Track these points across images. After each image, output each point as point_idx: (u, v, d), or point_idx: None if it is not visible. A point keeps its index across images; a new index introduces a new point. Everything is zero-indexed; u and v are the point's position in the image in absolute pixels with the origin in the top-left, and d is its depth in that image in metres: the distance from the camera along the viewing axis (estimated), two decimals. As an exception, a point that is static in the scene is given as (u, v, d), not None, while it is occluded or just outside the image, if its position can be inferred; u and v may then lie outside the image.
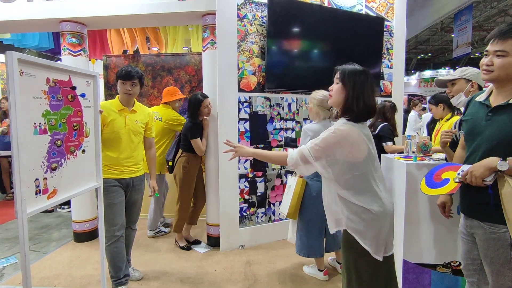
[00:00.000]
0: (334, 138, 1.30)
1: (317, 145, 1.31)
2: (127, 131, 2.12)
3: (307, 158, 1.32)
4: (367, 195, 1.33)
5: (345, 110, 1.36)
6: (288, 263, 2.64)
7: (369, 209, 1.32)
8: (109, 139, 2.07)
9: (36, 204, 1.45)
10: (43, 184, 1.50)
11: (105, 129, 2.05)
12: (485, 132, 1.27)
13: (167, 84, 3.72)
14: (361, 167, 1.33)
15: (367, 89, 1.35)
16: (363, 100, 1.33)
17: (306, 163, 1.34)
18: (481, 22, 10.47)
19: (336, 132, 1.30)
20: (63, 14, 2.87)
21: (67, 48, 2.93)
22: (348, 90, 1.34)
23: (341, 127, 1.32)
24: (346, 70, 1.36)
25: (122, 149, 2.11)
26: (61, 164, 1.65)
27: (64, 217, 3.84)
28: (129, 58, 3.76)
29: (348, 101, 1.34)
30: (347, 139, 1.30)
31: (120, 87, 2.12)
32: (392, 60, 3.59)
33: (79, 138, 1.81)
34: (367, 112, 1.36)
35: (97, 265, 2.54)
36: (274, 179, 3.08)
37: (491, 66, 1.23)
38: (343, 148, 1.30)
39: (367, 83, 1.36)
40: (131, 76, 2.10)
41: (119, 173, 2.11)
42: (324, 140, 1.31)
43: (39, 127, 1.48)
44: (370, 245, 1.32)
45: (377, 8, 3.46)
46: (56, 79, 1.59)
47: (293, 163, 1.36)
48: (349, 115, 1.35)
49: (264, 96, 2.96)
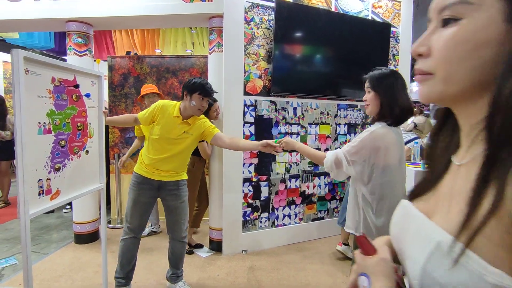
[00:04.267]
0: (372, 140, 1.30)
1: (354, 147, 1.31)
2: (170, 140, 1.97)
3: (340, 161, 1.32)
4: (385, 208, 1.33)
5: (382, 116, 1.36)
6: (292, 269, 2.60)
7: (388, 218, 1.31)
8: (154, 140, 1.97)
9: (39, 205, 1.42)
10: (46, 184, 1.47)
11: (151, 126, 1.97)
12: None
13: (171, 86, 3.71)
14: (392, 174, 1.33)
15: (398, 90, 1.34)
16: (397, 103, 1.32)
17: (339, 167, 1.34)
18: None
19: (374, 134, 1.30)
20: (69, 14, 2.86)
21: (73, 48, 2.92)
22: (381, 96, 1.33)
23: (379, 130, 1.32)
24: (374, 76, 1.37)
25: (160, 154, 1.99)
26: (64, 164, 1.62)
27: (65, 218, 3.80)
28: (133, 59, 3.75)
29: (384, 107, 1.33)
30: (383, 142, 1.30)
31: (196, 102, 1.93)
32: (398, 66, 3.57)
33: (83, 139, 1.78)
34: (404, 113, 1.35)
35: (98, 268, 2.50)
36: (278, 184, 3.04)
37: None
38: (379, 150, 1.30)
39: (397, 84, 1.35)
40: (212, 92, 1.97)
41: (152, 173, 2.02)
42: (362, 142, 1.31)
43: (43, 126, 1.45)
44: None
45: (384, 14, 3.45)
46: (62, 79, 1.57)
47: (327, 166, 1.37)
48: (387, 120, 1.34)
49: (270, 100, 2.94)
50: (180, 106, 2.00)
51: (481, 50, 0.37)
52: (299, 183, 3.14)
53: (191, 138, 2.03)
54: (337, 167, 1.33)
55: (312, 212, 3.24)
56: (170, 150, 1.99)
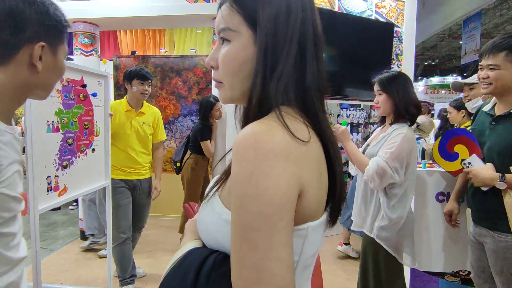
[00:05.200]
0: (409, 144, 1.32)
1: (393, 153, 1.30)
2: (132, 133, 2.11)
3: (384, 170, 1.29)
4: (403, 203, 1.37)
5: (398, 116, 1.39)
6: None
7: (403, 217, 1.36)
8: (115, 140, 2.07)
9: (48, 201, 1.46)
10: (54, 181, 1.51)
11: (111, 129, 2.06)
12: (488, 142, 1.29)
13: (175, 85, 3.75)
14: (414, 171, 1.38)
15: (410, 90, 1.39)
16: (412, 101, 1.37)
17: (382, 177, 1.30)
18: (490, 30, 10.40)
19: (407, 137, 1.33)
20: (76, 14, 2.91)
21: (79, 48, 2.97)
22: (394, 97, 1.37)
23: (408, 132, 1.34)
24: (384, 79, 1.40)
25: (127, 150, 2.10)
26: (72, 162, 1.66)
27: (71, 215, 3.87)
28: (138, 59, 3.80)
29: (399, 107, 1.37)
30: (414, 143, 1.35)
31: (137, 87, 2.09)
32: (401, 66, 3.57)
33: (89, 137, 1.83)
34: (418, 111, 1.40)
35: (103, 263, 2.55)
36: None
37: (487, 79, 1.26)
38: (411, 152, 1.34)
39: (408, 83, 1.40)
40: (148, 76, 2.11)
41: (125, 174, 2.11)
42: (399, 146, 1.31)
43: (52, 125, 1.50)
44: (406, 258, 1.37)
45: (387, 14, 3.46)
46: (69, 79, 1.62)
47: (369, 175, 1.33)
48: (406, 120, 1.38)
49: (272, 99, 2.96)
50: (127, 100, 2.14)
51: (244, 66, 0.49)
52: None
53: (149, 127, 2.19)
54: (381, 177, 1.31)
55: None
56: (137, 144, 2.12)
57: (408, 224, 1.39)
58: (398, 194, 1.36)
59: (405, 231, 1.38)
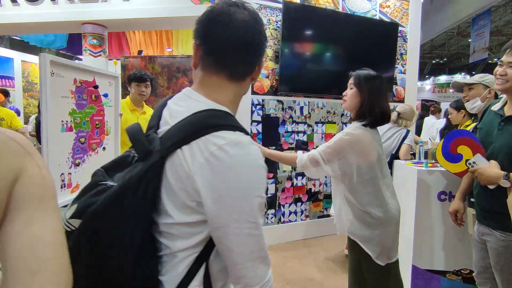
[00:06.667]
0: (347, 141, 1.32)
1: (330, 147, 1.34)
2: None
3: (317, 160, 1.35)
4: (373, 200, 1.35)
5: (360, 115, 1.37)
6: (297, 264, 2.68)
7: (374, 214, 1.33)
8: (124, 137, 2.14)
9: (61, 197, 1.54)
10: (67, 178, 1.59)
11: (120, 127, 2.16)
12: (497, 142, 1.28)
13: (182, 85, 3.81)
14: (370, 172, 1.34)
15: (382, 94, 1.36)
16: (379, 105, 1.34)
17: (316, 165, 1.37)
18: (500, 27, 10.24)
19: (349, 136, 1.32)
20: (85, 16, 2.99)
21: (88, 49, 3.05)
22: (364, 95, 1.35)
23: (354, 131, 1.34)
24: (361, 75, 1.37)
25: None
26: (84, 160, 1.74)
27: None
28: (145, 59, 3.87)
29: (364, 106, 1.35)
30: (358, 144, 1.32)
31: (135, 89, 2.30)
32: (405, 66, 3.58)
33: (100, 136, 1.90)
34: (383, 117, 1.37)
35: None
36: (284, 181, 3.11)
37: (504, 76, 1.23)
38: (354, 151, 1.32)
39: (382, 88, 1.37)
40: (145, 78, 2.30)
41: None
42: (337, 142, 1.34)
43: (66, 124, 1.57)
44: (373, 250, 1.34)
45: (392, 13, 3.46)
46: (82, 80, 1.69)
47: (302, 165, 1.40)
48: (365, 120, 1.36)
49: (277, 99, 3.01)
50: (131, 99, 2.34)
51: None
52: (305, 180, 3.20)
53: None
54: (314, 165, 1.36)
55: (318, 210, 3.31)
56: None
57: (384, 222, 1.35)
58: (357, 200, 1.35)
59: (379, 232, 1.35)
